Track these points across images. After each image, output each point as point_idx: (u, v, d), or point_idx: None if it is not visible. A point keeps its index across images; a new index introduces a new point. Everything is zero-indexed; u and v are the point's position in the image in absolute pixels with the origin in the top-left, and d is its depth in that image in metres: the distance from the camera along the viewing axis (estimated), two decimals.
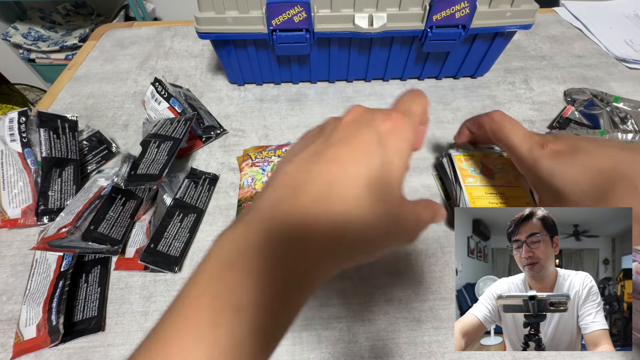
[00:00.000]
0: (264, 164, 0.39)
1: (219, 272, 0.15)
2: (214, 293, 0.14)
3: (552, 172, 0.26)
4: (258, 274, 0.15)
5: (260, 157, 0.40)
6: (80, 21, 1.48)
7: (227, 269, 0.15)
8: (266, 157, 0.40)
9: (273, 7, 0.39)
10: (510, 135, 0.29)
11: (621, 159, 0.24)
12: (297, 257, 0.16)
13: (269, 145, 0.42)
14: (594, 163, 0.24)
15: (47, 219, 0.35)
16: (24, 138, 0.37)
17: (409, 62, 0.49)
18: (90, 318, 0.30)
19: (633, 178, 0.22)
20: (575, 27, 0.62)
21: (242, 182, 0.38)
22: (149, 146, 0.37)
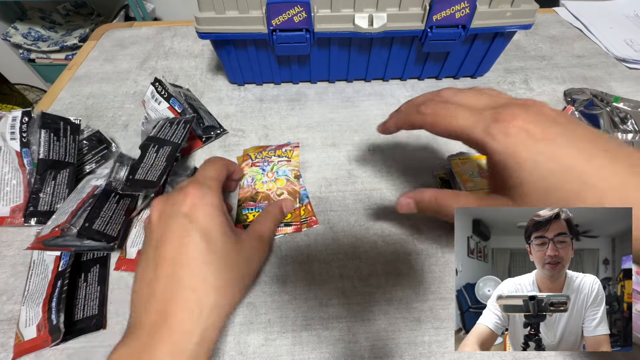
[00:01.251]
0: (264, 164, 0.39)
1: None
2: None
3: (514, 158, 0.18)
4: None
5: (260, 157, 0.40)
6: (80, 21, 1.48)
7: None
8: (266, 157, 0.39)
9: (273, 7, 0.39)
10: (453, 122, 0.21)
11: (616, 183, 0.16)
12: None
13: (268, 145, 0.42)
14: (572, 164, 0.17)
15: (34, 221, 0.35)
16: (24, 138, 0.37)
17: (409, 62, 0.49)
18: (91, 316, 0.30)
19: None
20: (575, 27, 0.62)
21: (242, 182, 0.38)
22: (147, 150, 0.37)
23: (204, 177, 0.26)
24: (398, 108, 0.28)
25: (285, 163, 0.39)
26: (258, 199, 0.36)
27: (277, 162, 0.39)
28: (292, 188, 0.37)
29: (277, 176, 0.37)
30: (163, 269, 0.22)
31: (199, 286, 0.21)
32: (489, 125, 0.19)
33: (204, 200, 0.24)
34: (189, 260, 0.22)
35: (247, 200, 0.36)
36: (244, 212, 0.35)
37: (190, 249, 0.22)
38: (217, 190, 0.25)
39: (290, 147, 0.41)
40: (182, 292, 0.21)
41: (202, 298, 0.21)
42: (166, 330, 0.20)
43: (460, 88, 0.24)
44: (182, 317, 0.21)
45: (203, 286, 0.21)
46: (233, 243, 0.24)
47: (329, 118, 0.47)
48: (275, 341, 0.29)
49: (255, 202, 0.36)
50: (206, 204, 0.24)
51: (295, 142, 0.42)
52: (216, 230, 0.23)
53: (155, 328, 0.20)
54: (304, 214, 0.36)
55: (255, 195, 0.36)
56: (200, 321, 0.21)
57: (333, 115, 0.48)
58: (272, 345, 0.29)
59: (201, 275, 0.22)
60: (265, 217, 0.31)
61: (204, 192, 0.24)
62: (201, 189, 0.24)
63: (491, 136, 0.19)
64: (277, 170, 0.38)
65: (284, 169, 0.38)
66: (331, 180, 0.40)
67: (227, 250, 0.23)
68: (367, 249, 0.34)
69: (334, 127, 0.46)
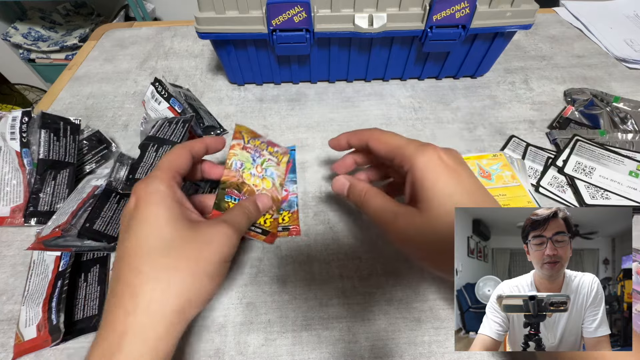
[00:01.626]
0: (255, 153, 0.35)
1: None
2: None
3: (429, 178, 0.24)
4: None
5: (253, 144, 0.35)
6: (80, 21, 1.48)
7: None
8: (258, 147, 0.35)
9: (273, 7, 0.39)
10: (392, 139, 0.27)
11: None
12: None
13: (261, 136, 0.37)
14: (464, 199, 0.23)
15: (34, 221, 0.35)
16: (24, 138, 0.37)
17: (409, 62, 0.49)
18: (91, 316, 0.30)
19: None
20: (575, 27, 0.62)
21: (229, 162, 0.32)
22: (147, 150, 0.37)
23: (154, 170, 0.26)
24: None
25: (274, 164, 0.36)
26: (243, 190, 0.32)
27: (267, 159, 0.35)
28: (275, 195, 0.34)
29: (265, 175, 0.34)
30: (115, 266, 0.23)
31: (133, 279, 0.21)
32: (418, 146, 0.25)
33: (147, 190, 0.24)
34: (130, 255, 0.22)
35: (232, 186, 0.32)
36: (227, 198, 0.31)
37: (131, 243, 0.22)
38: (164, 179, 0.25)
39: (281, 150, 0.37)
40: (119, 288, 0.21)
41: (136, 291, 0.21)
42: (108, 331, 0.21)
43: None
44: (117, 316, 0.21)
45: (137, 279, 0.21)
46: (184, 229, 0.23)
47: (329, 118, 0.47)
48: (275, 341, 0.29)
49: (240, 193, 0.32)
50: (149, 194, 0.24)
51: (284, 148, 0.38)
52: (160, 217, 0.23)
53: (101, 329, 0.21)
54: (287, 221, 0.35)
55: (241, 185, 0.32)
56: (135, 318, 0.20)
57: (333, 115, 0.48)
58: (272, 345, 0.29)
59: (138, 268, 0.22)
60: (237, 209, 0.29)
61: (147, 183, 0.24)
62: (145, 182, 0.24)
63: (421, 152, 0.25)
64: (267, 169, 0.35)
65: (272, 170, 0.35)
66: (331, 180, 0.40)
67: (175, 236, 0.23)
68: (367, 249, 0.34)
69: (334, 127, 0.46)
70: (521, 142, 0.43)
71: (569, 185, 0.38)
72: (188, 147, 0.28)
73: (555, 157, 0.40)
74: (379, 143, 0.28)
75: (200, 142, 0.30)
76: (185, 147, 0.28)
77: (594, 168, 0.38)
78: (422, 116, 0.47)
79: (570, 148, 0.40)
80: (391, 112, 0.48)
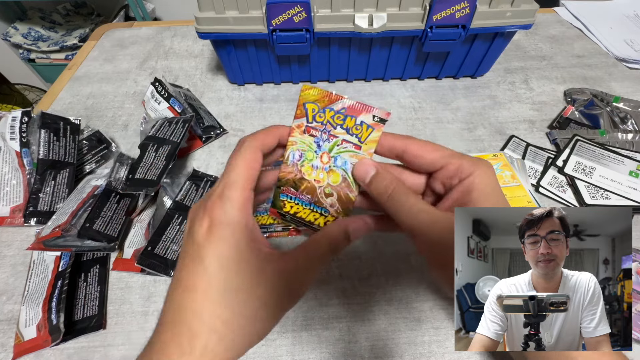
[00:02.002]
0: (322, 135, 0.25)
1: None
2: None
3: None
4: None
5: (322, 119, 0.25)
6: (80, 21, 1.48)
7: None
8: (331, 122, 0.25)
9: (273, 7, 0.39)
10: (436, 151, 0.25)
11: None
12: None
13: (340, 98, 0.24)
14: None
15: (34, 221, 0.35)
16: (24, 138, 0.37)
17: (409, 62, 0.49)
18: (90, 316, 0.30)
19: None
20: (575, 27, 0.62)
21: (287, 155, 0.25)
22: (147, 149, 0.37)
23: (229, 183, 0.22)
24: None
25: (351, 148, 0.25)
26: (301, 187, 0.26)
27: (340, 142, 0.25)
28: (345, 194, 0.25)
29: (333, 165, 0.25)
30: (176, 292, 0.21)
31: (192, 320, 0.20)
32: (475, 161, 0.23)
33: (223, 218, 0.21)
34: (195, 291, 0.21)
35: (289, 184, 0.26)
36: (282, 197, 0.26)
37: (199, 278, 0.21)
38: (239, 201, 0.22)
39: (370, 120, 0.24)
40: (180, 326, 0.20)
41: (194, 334, 0.20)
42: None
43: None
44: (172, 351, 0.20)
45: (196, 322, 0.20)
46: (252, 276, 0.21)
47: None
48: (275, 341, 0.29)
49: (297, 191, 0.26)
50: (224, 226, 0.21)
51: (378, 114, 0.24)
52: (231, 261, 0.21)
53: (151, 353, 0.20)
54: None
55: (299, 181, 0.26)
56: (190, 358, 0.20)
57: None
58: (272, 345, 0.29)
59: (200, 312, 0.20)
60: (321, 241, 0.24)
61: (223, 209, 0.21)
62: (221, 204, 0.21)
63: (478, 166, 0.23)
64: (337, 157, 0.25)
65: (346, 158, 0.25)
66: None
67: (240, 288, 0.21)
68: (367, 249, 0.34)
69: None
70: (521, 142, 0.43)
71: (569, 185, 0.38)
72: (259, 144, 0.23)
73: (555, 157, 0.40)
74: (422, 151, 0.25)
75: (272, 136, 0.24)
76: (256, 148, 0.23)
77: (594, 168, 0.38)
78: (422, 116, 0.47)
79: (570, 148, 0.40)
80: (391, 112, 0.47)
